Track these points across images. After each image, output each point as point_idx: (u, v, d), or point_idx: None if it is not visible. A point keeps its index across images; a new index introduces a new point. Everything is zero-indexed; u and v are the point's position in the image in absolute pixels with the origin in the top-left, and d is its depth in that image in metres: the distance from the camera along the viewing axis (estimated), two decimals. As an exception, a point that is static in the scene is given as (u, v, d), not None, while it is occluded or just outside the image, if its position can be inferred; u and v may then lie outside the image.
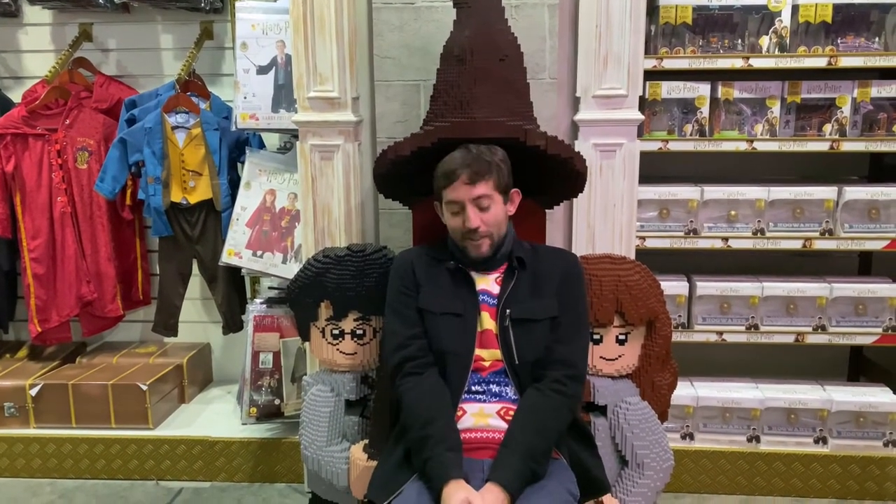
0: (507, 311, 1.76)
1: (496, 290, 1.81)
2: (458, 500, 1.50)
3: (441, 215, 1.83)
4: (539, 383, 1.72)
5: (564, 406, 1.70)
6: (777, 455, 2.68)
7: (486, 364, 1.76)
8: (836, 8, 2.50)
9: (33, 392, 2.90)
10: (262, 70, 2.61)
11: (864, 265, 2.91)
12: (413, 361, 1.77)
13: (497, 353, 1.76)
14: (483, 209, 1.75)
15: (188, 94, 2.91)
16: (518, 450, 1.62)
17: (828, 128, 2.58)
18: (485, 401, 1.73)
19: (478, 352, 1.77)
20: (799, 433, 2.68)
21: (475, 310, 1.79)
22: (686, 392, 2.69)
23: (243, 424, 2.87)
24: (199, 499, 2.75)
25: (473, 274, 1.82)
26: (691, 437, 2.72)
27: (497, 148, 1.78)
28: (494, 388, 1.75)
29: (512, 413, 1.71)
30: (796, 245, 2.60)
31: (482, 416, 1.71)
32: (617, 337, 1.92)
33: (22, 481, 2.89)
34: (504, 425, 1.69)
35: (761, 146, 2.58)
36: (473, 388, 1.74)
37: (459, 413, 1.73)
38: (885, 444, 2.65)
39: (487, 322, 1.78)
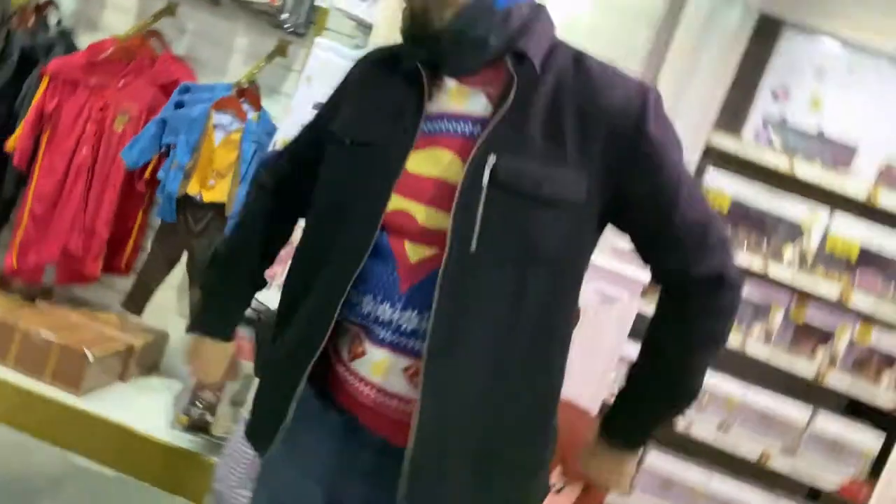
0: (491, 155, 1.01)
1: (480, 110, 1.07)
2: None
3: None
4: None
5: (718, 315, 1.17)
6: None
7: (413, 259, 1.05)
8: (863, 251, 2.55)
9: (-17, 322, 2.86)
10: (318, 107, 2.66)
11: (812, 497, 2.88)
12: (267, 175, 1.39)
13: (440, 223, 1.02)
14: None
15: (241, 100, 2.97)
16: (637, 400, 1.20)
17: (820, 354, 2.60)
18: (396, 346, 1.07)
19: (406, 206, 1.05)
20: None
21: (406, 137, 1.07)
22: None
23: (171, 428, 2.82)
24: (94, 482, 2.68)
25: (448, 82, 1.08)
26: None
27: None
28: (413, 320, 1.05)
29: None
30: (754, 455, 2.59)
31: (380, 370, 1.07)
32: (550, 487, 1.90)
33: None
34: (412, 394, 1.04)
35: (752, 349, 2.60)
36: (384, 314, 1.06)
37: (357, 346, 1.10)
38: None
39: (441, 162, 1.06)
